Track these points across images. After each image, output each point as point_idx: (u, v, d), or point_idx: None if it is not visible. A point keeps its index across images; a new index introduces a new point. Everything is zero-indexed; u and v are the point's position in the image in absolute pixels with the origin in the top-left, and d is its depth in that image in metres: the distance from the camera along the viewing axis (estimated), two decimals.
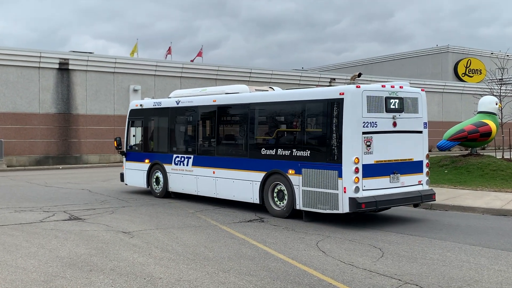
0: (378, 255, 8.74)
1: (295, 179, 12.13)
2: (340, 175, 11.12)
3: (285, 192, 12.49)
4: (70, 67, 32.46)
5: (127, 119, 17.95)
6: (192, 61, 41.26)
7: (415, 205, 12.81)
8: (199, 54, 41.85)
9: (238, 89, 14.86)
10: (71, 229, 10.96)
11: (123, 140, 17.97)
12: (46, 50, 32.49)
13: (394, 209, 14.09)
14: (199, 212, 13.28)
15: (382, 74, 56.46)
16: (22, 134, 31.07)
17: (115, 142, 17.77)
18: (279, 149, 12.70)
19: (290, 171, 12.28)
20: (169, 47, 41.31)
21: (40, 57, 31.47)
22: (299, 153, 12.18)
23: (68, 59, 32.43)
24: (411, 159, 12.15)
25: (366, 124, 11.23)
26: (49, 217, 12.49)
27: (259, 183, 13.03)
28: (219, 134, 14.74)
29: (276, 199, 12.83)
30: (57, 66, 32.08)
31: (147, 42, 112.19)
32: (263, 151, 13.09)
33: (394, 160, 11.78)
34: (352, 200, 10.99)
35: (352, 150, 11.08)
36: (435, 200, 12.99)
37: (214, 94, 15.23)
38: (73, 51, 34.33)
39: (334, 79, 44.01)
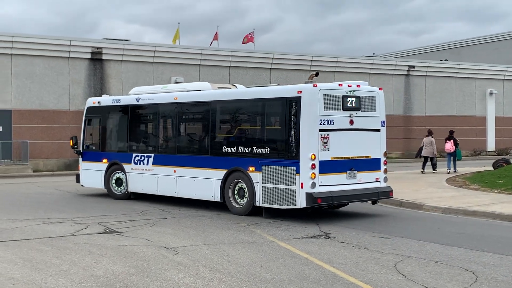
0: (470, 280, 8.55)
1: (255, 176, 14.23)
2: (297, 171, 13.32)
3: (246, 189, 14.51)
4: (104, 57, 33.38)
5: (83, 117, 19.75)
6: (243, 43, 41.39)
7: (373, 202, 14.87)
8: (251, 39, 41.96)
9: (200, 86, 17.03)
10: (107, 244, 11.25)
11: (80, 139, 19.84)
12: (77, 38, 33.57)
13: (487, 225, 13.76)
14: (252, 226, 13.37)
15: (473, 60, 55.06)
16: (50, 134, 32.13)
17: (71, 141, 19.85)
18: (239, 147, 14.85)
19: (250, 169, 14.37)
20: (216, 32, 41.69)
21: (70, 45, 32.49)
22: (259, 151, 14.32)
23: (101, 48, 33.35)
24: (368, 156, 14.30)
25: (322, 122, 13.36)
26: (81, 230, 12.86)
27: (220, 181, 15.12)
28: (180, 132, 17.09)
29: (237, 196, 14.88)
30: (89, 56, 33.04)
31: (187, 26, 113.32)
32: (224, 149, 15.26)
33: (351, 157, 13.94)
34: (308, 195, 13.12)
35: (309, 147, 13.24)
36: (392, 197, 14.97)
37: (175, 91, 17.34)
38: (107, 39, 35.29)
39: (413, 67, 43.37)
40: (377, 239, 11.78)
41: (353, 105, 13.92)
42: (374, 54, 60.97)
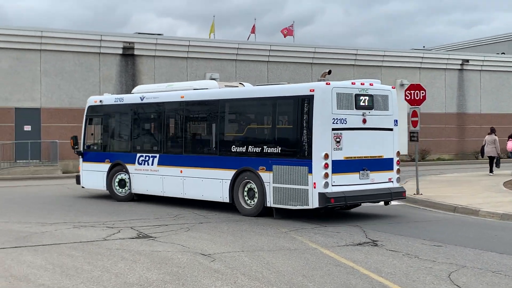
0: None
1: (266, 176, 14.81)
2: (310, 171, 13.90)
3: (256, 189, 15.08)
4: (136, 52, 33.81)
5: (84, 116, 20.29)
6: (285, 36, 41.39)
7: (386, 203, 15.40)
8: (290, 32, 41.99)
9: (207, 84, 17.84)
10: (140, 250, 11.39)
11: (80, 139, 20.56)
12: (108, 33, 34.04)
13: None
14: (293, 232, 13.36)
15: None
16: (80, 134, 32.57)
17: (71, 141, 20.57)
18: (249, 146, 15.42)
19: (260, 168, 14.92)
20: (253, 25, 41.86)
21: (100, 40, 32.98)
22: (270, 150, 14.93)
23: (133, 43, 33.79)
24: (381, 156, 14.90)
25: (335, 121, 13.95)
26: (113, 234, 13.05)
27: (229, 182, 15.68)
28: (186, 131, 17.70)
29: (246, 197, 15.44)
30: (120, 51, 33.50)
31: (222, 19, 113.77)
32: (233, 149, 15.86)
33: (364, 157, 14.54)
34: (321, 195, 13.70)
35: (322, 146, 13.84)
36: (405, 198, 15.65)
37: (181, 89, 17.99)
38: (139, 33, 35.71)
39: (468, 60, 42.76)
40: (429, 247, 11.65)
41: (366, 104, 14.50)
42: (424, 47, 60.32)
